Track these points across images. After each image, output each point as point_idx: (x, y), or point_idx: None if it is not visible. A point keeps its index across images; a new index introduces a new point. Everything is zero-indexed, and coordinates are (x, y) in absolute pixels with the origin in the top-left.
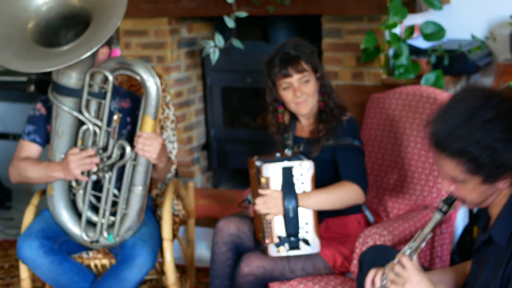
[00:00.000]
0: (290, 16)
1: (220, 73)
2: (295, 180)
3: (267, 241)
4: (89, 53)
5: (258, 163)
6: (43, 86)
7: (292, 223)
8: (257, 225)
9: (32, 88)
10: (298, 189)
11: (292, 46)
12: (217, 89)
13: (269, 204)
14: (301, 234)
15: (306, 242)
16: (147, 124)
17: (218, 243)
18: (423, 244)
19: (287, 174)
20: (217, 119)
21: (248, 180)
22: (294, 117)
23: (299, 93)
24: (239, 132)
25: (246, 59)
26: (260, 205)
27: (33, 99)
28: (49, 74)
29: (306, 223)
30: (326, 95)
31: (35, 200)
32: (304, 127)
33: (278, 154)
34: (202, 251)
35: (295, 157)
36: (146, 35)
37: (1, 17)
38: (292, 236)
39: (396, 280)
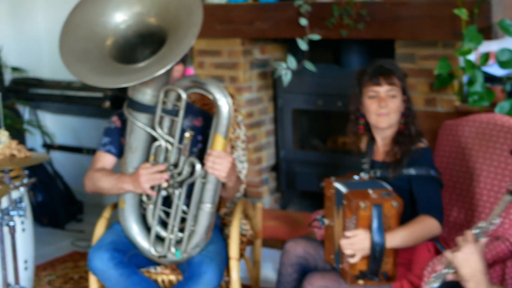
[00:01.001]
0: (363, 40)
1: (291, 95)
2: (383, 217)
3: (343, 266)
4: (163, 71)
5: (343, 189)
6: (118, 102)
7: (376, 261)
8: (328, 247)
9: (107, 104)
10: (384, 225)
11: (388, 62)
12: (287, 111)
13: (356, 246)
14: (382, 268)
15: (385, 275)
16: (217, 142)
17: (285, 264)
18: (492, 227)
19: (378, 212)
20: (287, 141)
21: (317, 202)
22: (371, 141)
23: (384, 104)
24: (309, 154)
25: (318, 82)
26: (346, 246)
27: (108, 114)
28: (124, 90)
29: (387, 257)
30: (409, 118)
31: (106, 213)
32: (380, 148)
33: (356, 177)
34: (268, 272)
35: (374, 182)
36: (219, 55)
37: (81, 33)
38: (374, 272)
39: (454, 250)
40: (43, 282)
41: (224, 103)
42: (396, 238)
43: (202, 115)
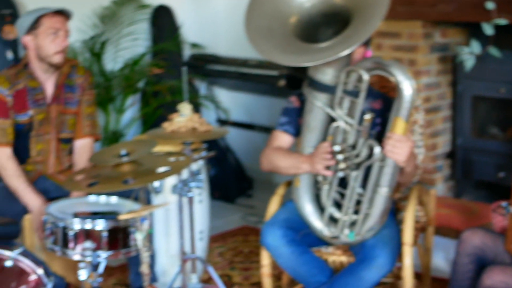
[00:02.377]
0: None
1: (471, 81)
2: None
3: None
4: (348, 51)
5: None
6: (293, 82)
7: None
8: (510, 236)
9: (282, 82)
10: None
11: None
12: (467, 97)
13: None
14: None
15: None
16: (398, 126)
17: (461, 254)
18: None
19: None
20: (465, 128)
21: (494, 193)
22: None
23: None
24: (487, 143)
25: (502, 69)
26: None
27: (282, 93)
28: (300, 70)
29: None
30: None
31: (280, 191)
32: None
33: None
34: (439, 261)
35: None
36: (399, 37)
37: (266, 10)
38: None
39: None
40: (214, 254)
41: (407, 86)
42: None
43: (381, 98)
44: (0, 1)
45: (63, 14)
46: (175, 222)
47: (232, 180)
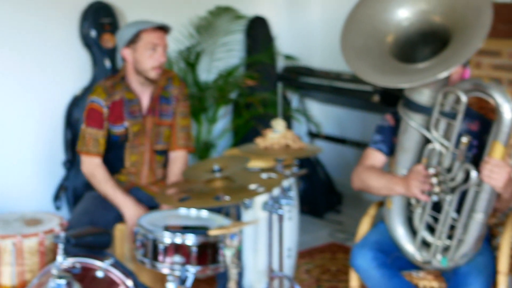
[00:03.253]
0: None
1: None
2: None
3: None
4: (446, 74)
5: None
6: (387, 98)
7: None
8: None
9: (376, 98)
10: None
11: None
12: None
13: None
14: None
15: None
16: (497, 150)
17: None
18: None
19: None
20: None
21: None
22: None
23: None
24: None
25: None
26: None
27: (375, 109)
28: (396, 87)
29: None
30: None
31: (372, 211)
32: None
33: None
34: None
35: None
36: (499, 56)
37: (363, 28)
38: None
39: None
40: (301, 270)
41: (507, 109)
42: None
43: (479, 119)
44: (100, 9)
45: (163, 29)
46: (264, 238)
47: (321, 194)
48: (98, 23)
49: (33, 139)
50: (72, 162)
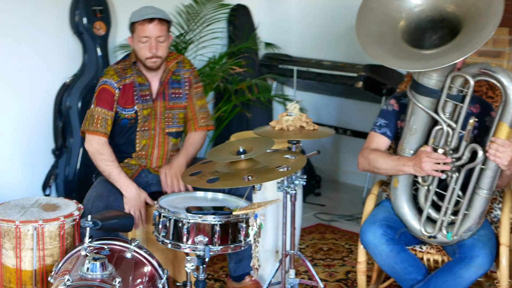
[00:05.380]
0: None
1: None
2: None
3: None
4: (462, 58)
5: None
6: (370, 83)
7: None
8: None
9: (360, 84)
10: None
11: None
12: None
13: None
14: None
15: None
16: (502, 131)
17: None
18: None
19: None
20: None
21: None
22: None
23: None
24: None
25: None
26: None
27: (359, 95)
28: (376, 72)
29: None
30: None
31: (375, 190)
32: None
33: None
34: None
35: None
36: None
37: (377, 17)
38: None
39: None
40: None
41: None
42: None
43: (479, 102)
44: None
45: (155, 21)
46: (271, 218)
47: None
48: (90, 10)
49: (21, 126)
50: (61, 149)
